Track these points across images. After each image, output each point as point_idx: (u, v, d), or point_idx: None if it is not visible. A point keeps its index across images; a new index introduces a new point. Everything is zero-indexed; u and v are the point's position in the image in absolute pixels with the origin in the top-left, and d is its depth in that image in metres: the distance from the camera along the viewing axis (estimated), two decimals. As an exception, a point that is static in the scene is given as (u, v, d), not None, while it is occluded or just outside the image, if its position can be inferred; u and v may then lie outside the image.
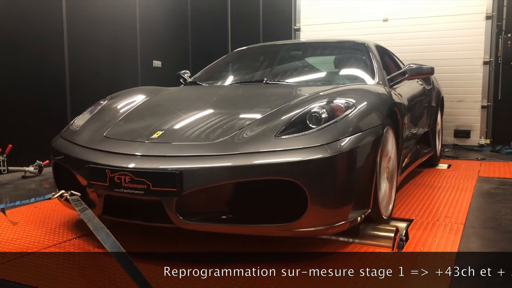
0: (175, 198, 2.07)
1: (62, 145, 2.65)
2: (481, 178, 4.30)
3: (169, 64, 6.46)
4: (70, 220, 2.88)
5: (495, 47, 6.73)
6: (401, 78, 3.36)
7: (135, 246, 2.37)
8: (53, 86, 4.95)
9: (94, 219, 2.10)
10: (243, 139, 2.23)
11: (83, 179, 2.36)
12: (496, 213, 3.08)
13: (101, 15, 5.47)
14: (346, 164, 2.16)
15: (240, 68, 4.06)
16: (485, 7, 6.73)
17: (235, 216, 2.15)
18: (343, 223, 2.19)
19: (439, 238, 2.51)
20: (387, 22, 7.31)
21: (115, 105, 2.97)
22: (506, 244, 2.49)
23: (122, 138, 2.47)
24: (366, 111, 2.44)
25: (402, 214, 3.00)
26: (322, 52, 4.23)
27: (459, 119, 6.96)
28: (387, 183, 2.70)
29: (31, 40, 4.71)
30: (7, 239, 2.53)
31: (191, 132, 2.39)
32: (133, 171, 2.12)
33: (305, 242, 2.42)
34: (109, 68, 5.62)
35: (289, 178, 2.03)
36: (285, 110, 2.45)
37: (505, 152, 6.27)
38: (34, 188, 3.95)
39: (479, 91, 6.85)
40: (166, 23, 6.51)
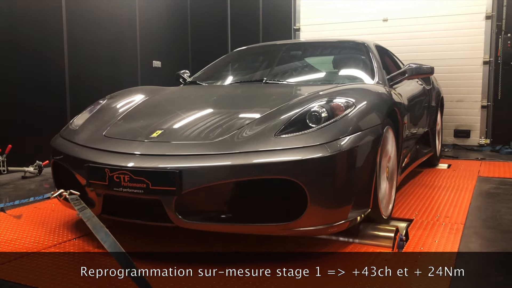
0: (174, 197, 2.07)
1: (61, 145, 2.65)
2: (481, 178, 4.29)
3: (169, 64, 6.46)
4: (70, 220, 2.87)
5: (495, 47, 6.73)
6: (401, 77, 3.36)
7: (135, 246, 2.37)
8: (53, 86, 4.95)
9: (93, 218, 2.10)
10: (243, 138, 2.22)
11: (82, 178, 2.35)
12: (496, 213, 3.08)
13: (101, 15, 5.47)
14: (345, 163, 2.16)
15: (240, 68, 4.06)
16: (485, 7, 6.73)
17: (234, 215, 2.14)
18: (343, 223, 2.18)
19: (439, 238, 2.51)
20: (387, 22, 7.31)
21: (114, 105, 2.97)
22: (506, 244, 2.48)
23: (122, 137, 2.46)
24: (366, 111, 2.44)
25: (402, 214, 3.00)
26: (322, 52, 4.23)
27: (459, 119, 6.96)
28: (387, 183, 2.70)
29: (31, 40, 4.71)
30: (7, 240, 2.52)
31: (191, 131, 2.39)
32: (132, 170, 2.12)
33: (305, 242, 2.42)
34: (109, 68, 5.62)
35: (289, 177, 2.02)
36: (284, 109, 2.45)
37: (505, 152, 6.26)
38: (34, 189, 3.95)
39: (479, 91, 6.85)
40: (166, 23, 6.51)
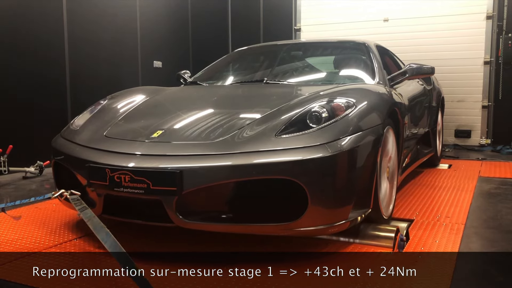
0: (175, 197, 2.07)
1: (62, 145, 2.65)
2: (481, 178, 4.29)
3: (170, 64, 6.46)
4: (70, 221, 2.87)
5: (496, 47, 6.73)
6: (401, 78, 3.36)
7: (135, 246, 2.37)
8: (53, 86, 4.95)
9: (94, 218, 2.10)
10: (243, 138, 2.22)
11: (83, 178, 2.36)
12: (497, 213, 3.08)
13: (101, 15, 5.48)
14: (346, 163, 2.16)
15: (241, 68, 4.06)
16: (485, 7, 6.73)
17: (235, 215, 2.14)
18: (343, 223, 2.18)
19: (440, 238, 2.50)
20: (388, 22, 7.31)
21: (115, 105, 2.97)
22: (506, 244, 2.48)
23: (122, 138, 2.47)
24: (367, 111, 2.44)
25: (402, 214, 3.00)
26: (323, 52, 4.23)
27: (459, 119, 6.96)
28: (387, 183, 2.70)
29: (32, 40, 4.71)
30: (8, 240, 2.52)
31: (191, 132, 2.39)
32: (133, 170, 2.12)
33: (306, 242, 2.42)
34: (109, 68, 5.62)
35: (289, 177, 2.02)
36: (285, 110, 2.45)
37: (506, 152, 6.26)
38: (34, 189, 3.95)
39: (480, 91, 6.85)
40: (166, 24, 6.51)
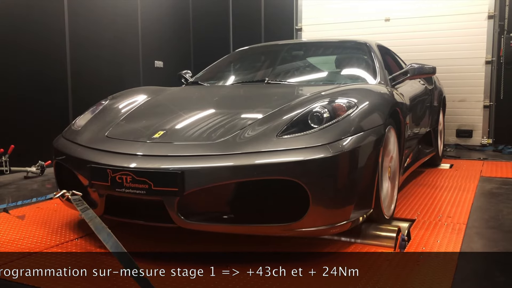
0: (176, 198, 2.07)
1: (63, 145, 2.65)
2: (483, 178, 4.28)
3: (171, 64, 6.47)
4: (72, 221, 2.88)
5: (497, 46, 6.72)
6: (403, 77, 3.35)
7: (137, 246, 2.37)
8: (55, 86, 4.96)
9: (95, 219, 2.10)
10: (245, 138, 2.22)
11: (85, 179, 2.36)
12: (498, 213, 3.07)
13: (103, 15, 5.48)
14: (348, 163, 2.15)
15: (242, 68, 4.06)
16: (487, 6, 6.72)
17: (236, 216, 2.14)
18: (345, 223, 2.18)
19: (441, 238, 2.50)
20: (389, 22, 7.30)
21: (116, 105, 2.97)
22: (508, 244, 2.48)
23: (124, 138, 2.47)
24: (368, 111, 2.43)
25: (404, 214, 2.99)
26: (324, 52, 4.22)
27: (461, 118, 6.95)
28: (389, 183, 2.69)
29: (33, 40, 4.72)
30: (10, 240, 2.53)
31: (193, 132, 2.39)
32: (134, 171, 2.12)
33: (307, 242, 2.42)
34: (111, 68, 5.63)
35: (291, 178, 2.02)
36: (286, 110, 2.45)
37: (507, 151, 6.25)
38: (36, 189, 3.96)
39: (481, 90, 6.84)
40: (167, 23, 6.52)
